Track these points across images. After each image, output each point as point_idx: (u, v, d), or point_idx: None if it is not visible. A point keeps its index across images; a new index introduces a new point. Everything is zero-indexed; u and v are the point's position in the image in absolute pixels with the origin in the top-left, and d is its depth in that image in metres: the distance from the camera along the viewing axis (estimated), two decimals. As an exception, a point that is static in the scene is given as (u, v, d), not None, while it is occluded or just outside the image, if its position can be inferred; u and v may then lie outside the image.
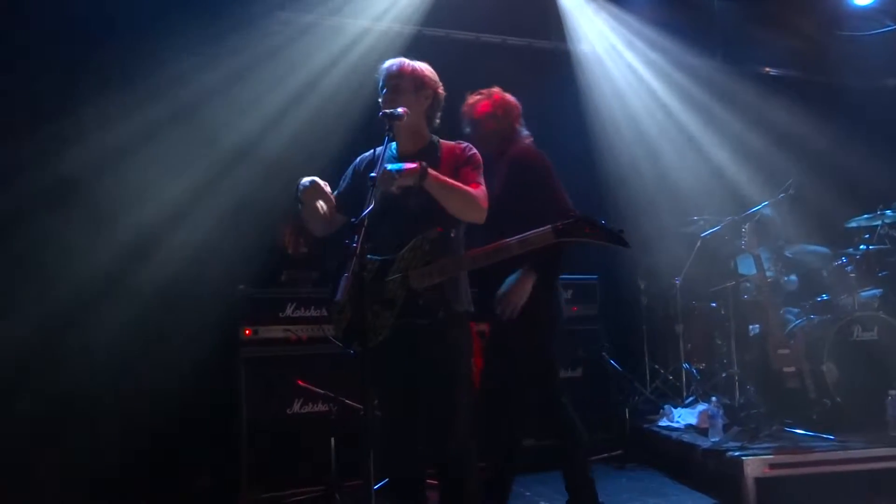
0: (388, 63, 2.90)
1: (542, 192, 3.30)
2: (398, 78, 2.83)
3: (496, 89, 3.48)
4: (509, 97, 3.54)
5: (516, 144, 3.47)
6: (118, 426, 4.02)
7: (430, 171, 2.64)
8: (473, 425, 2.82)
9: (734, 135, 6.19)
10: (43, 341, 3.96)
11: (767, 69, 6.69)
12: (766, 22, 6.28)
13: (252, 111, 4.70)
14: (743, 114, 6.21)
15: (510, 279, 3.23)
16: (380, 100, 2.85)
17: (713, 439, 4.30)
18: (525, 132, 3.52)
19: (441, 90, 2.93)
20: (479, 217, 2.76)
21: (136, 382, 4.17)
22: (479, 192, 2.77)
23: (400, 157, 2.82)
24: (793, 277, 5.11)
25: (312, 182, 2.74)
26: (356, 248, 2.34)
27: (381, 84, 2.87)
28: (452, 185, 2.71)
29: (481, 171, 2.87)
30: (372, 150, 2.94)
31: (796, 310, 4.95)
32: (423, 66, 2.91)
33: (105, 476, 3.86)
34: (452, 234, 2.79)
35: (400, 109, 2.71)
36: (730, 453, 3.99)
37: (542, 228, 2.71)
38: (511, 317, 3.21)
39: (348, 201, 2.85)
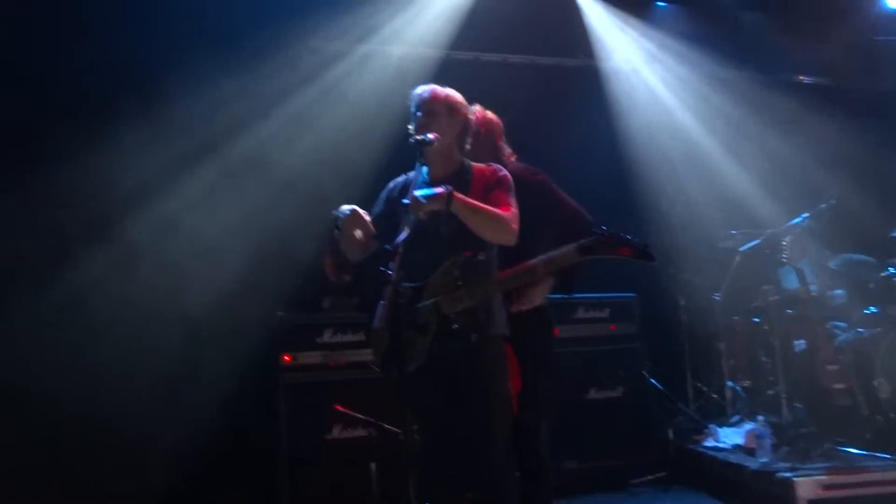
0: (419, 89, 2.94)
1: (545, 207, 3.26)
2: (430, 103, 2.86)
3: (477, 107, 3.38)
4: (490, 114, 3.46)
5: (504, 164, 3.45)
6: (159, 452, 4.06)
7: (457, 194, 2.65)
8: (511, 449, 2.78)
9: (770, 145, 6.09)
10: (84, 368, 4.03)
11: (802, 78, 6.58)
12: (799, 31, 6.19)
13: (287, 140, 4.78)
14: (778, 124, 6.11)
15: None
16: (410, 126, 2.88)
17: (762, 460, 4.18)
18: (508, 149, 3.46)
19: (471, 115, 2.97)
20: (510, 239, 2.76)
21: (177, 408, 4.21)
22: (509, 213, 2.76)
23: (431, 182, 2.83)
24: (839, 292, 4.97)
25: (352, 210, 2.77)
26: (392, 275, 2.35)
27: (413, 110, 2.90)
28: (480, 207, 2.71)
29: (512, 192, 2.87)
30: (404, 176, 2.99)
31: (843, 323, 4.81)
32: (453, 92, 2.95)
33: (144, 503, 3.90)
34: (482, 258, 2.78)
35: (431, 135, 2.73)
36: (780, 474, 3.87)
37: (566, 247, 2.69)
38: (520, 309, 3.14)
39: (381, 227, 2.87)
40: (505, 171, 2.92)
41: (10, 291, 4.06)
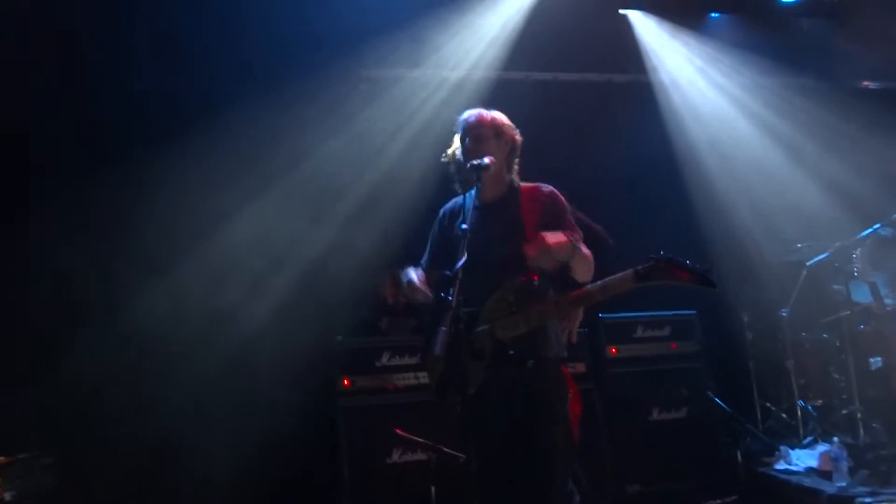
0: (466, 114, 2.96)
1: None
2: (479, 128, 2.88)
3: None
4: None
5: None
6: (220, 477, 4.13)
7: (578, 246, 2.68)
8: (573, 472, 2.74)
9: (835, 153, 5.87)
10: (146, 390, 4.17)
11: (867, 83, 6.35)
12: (861, 35, 5.98)
13: (344, 166, 4.88)
14: (843, 131, 5.89)
15: None
16: (457, 150, 2.92)
17: (839, 484, 4.00)
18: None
19: (518, 136, 2.96)
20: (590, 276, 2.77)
21: (238, 432, 4.29)
22: (587, 250, 2.77)
23: (482, 206, 2.84)
24: (917, 304, 4.73)
25: (409, 283, 2.85)
26: (451, 300, 2.35)
27: (461, 135, 2.93)
28: (587, 257, 2.73)
29: (568, 211, 2.87)
30: (453, 201, 3.02)
31: (923, 338, 4.57)
32: (499, 114, 2.97)
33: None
34: (537, 283, 2.77)
35: (487, 159, 2.75)
36: (860, 499, 3.72)
37: (622, 273, 2.63)
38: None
39: (440, 256, 2.90)
40: (555, 192, 2.91)
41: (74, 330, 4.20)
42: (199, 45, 4.54)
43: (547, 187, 2.92)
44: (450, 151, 2.97)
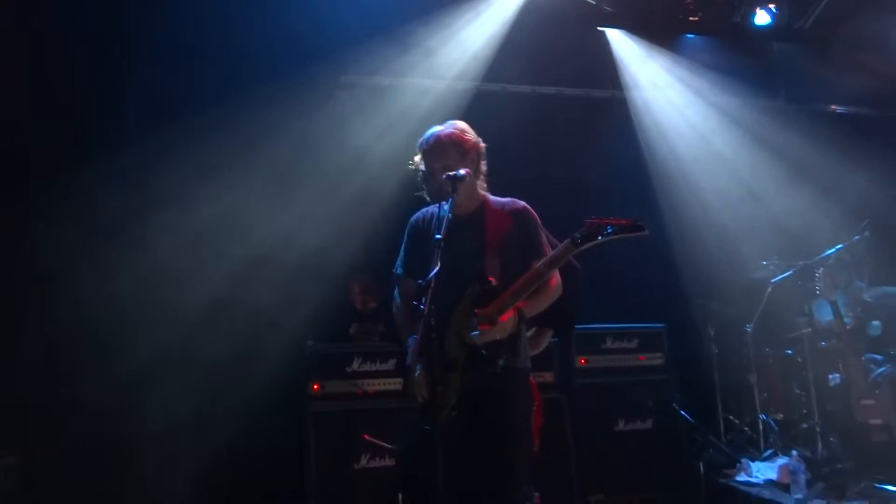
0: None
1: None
2: (436, 148, 2.86)
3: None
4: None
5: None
6: (186, 479, 4.11)
7: (520, 307, 2.71)
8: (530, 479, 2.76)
9: (801, 175, 6.03)
10: (114, 390, 4.12)
11: (834, 107, 6.53)
12: (832, 61, 6.17)
13: (318, 171, 4.89)
14: (809, 154, 6.05)
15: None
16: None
17: (796, 496, 4.10)
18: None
19: (481, 143, 2.94)
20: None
21: (205, 435, 4.26)
22: (554, 280, 2.80)
23: (455, 218, 2.79)
24: (876, 322, 4.87)
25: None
26: (423, 309, 2.38)
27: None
28: (542, 300, 2.78)
29: (541, 228, 2.90)
30: (423, 210, 3.03)
31: (880, 356, 4.71)
32: (458, 127, 2.92)
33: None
34: (495, 284, 2.76)
35: (462, 171, 2.76)
36: (815, 511, 3.79)
37: (562, 244, 2.69)
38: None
39: (413, 263, 2.92)
40: (527, 207, 2.92)
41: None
42: (182, 44, 4.55)
43: (520, 203, 2.93)
44: (416, 158, 2.99)
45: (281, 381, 4.45)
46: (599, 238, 2.62)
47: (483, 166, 2.95)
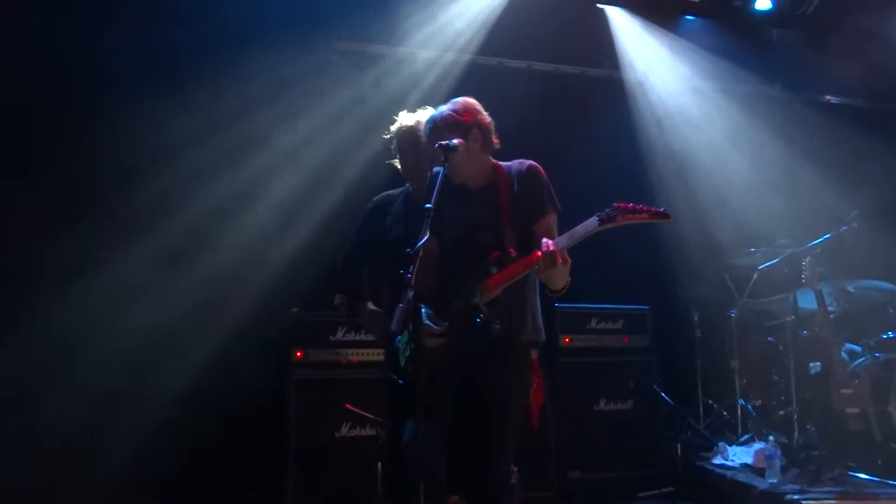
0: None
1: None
2: (433, 133, 2.82)
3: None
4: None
5: None
6: (169, 441, 4.10)
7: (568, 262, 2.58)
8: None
9: (793, 164, 6.03)
10: (94, 352, 4.11)
11: (829, 97, 6.52)
12: (830, 51, 6.14)
13: (309, 141, 4.82)
14: (804, 142, 6.04)
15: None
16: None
17: (770, 480, 4.15)
18: None
19: (482, 117, 2.87)
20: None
21: (189, 399, 4.24)
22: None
23: (457, 188, 2.79)
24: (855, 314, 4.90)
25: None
26: (410, 278, 2.36)
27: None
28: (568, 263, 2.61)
29: (547, 185, 2.84)
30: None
31: (859, 347, 4.75)
32: (453, 110, 2.84)
33: (155, 490, 4.01)
34: (514, 254, 2.68)
35: (455, 141, 2.71)
36: (789, 496, 3.85)
37: (587, 221, 2.63)
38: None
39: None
40: (534, 164, 2.85)
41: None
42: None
43: (526, 162, 2.87)
44: (393, 128, 2.95)
45: (265, 348, 4.43)
46: (626, 222, 2.56)
47: (493, 140, 2.87)
